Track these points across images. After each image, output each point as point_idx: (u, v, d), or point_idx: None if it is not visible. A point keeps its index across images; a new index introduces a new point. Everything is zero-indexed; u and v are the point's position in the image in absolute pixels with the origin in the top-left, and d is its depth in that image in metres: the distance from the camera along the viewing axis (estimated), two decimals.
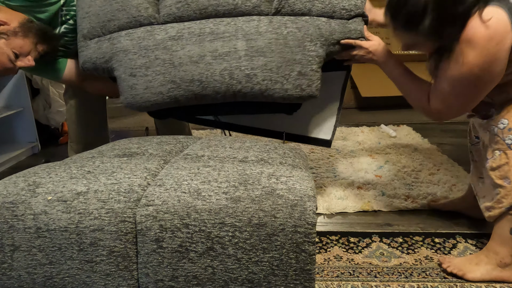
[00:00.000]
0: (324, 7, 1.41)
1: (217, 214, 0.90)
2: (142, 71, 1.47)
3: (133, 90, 1.49)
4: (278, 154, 1.24)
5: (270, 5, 1.44)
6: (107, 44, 1.53)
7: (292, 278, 0.90)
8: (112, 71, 1.54)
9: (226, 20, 1.46)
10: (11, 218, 0.94)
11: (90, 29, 1.56)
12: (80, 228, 0.92)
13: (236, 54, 1.41)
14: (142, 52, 1.48)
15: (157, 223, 0.91)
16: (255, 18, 1.44)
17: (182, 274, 0.92)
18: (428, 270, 1.31)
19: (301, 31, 1.40)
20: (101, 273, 0.94)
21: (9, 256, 0.95)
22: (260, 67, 1.40)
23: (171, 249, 0.91)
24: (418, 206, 1.69)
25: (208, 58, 1.43)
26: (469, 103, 1.18)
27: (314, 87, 1.41)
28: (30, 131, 2.60)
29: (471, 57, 1.05)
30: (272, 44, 1.40)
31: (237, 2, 1.44)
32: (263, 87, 1.40)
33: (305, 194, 0.92)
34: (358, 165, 2.15)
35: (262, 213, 0.89)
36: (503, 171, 1.19)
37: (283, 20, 1.43)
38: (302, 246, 0.89)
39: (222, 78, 1.42)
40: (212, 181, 0.97)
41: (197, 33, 1.45)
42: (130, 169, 1.06)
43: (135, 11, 1.51)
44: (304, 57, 1.39)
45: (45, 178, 1.02)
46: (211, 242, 0.90)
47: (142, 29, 1.51)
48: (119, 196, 0.95)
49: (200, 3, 1.46)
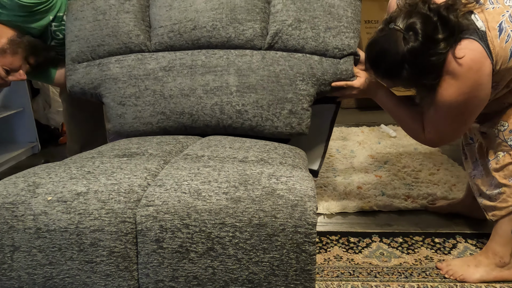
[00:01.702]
0: (317, 45, 1.40)
1: (218, 215, 0.90)
2: (132, 101, 1.47)
3: (121, 118, 1.49)
4: (278, 154, 1.24)
5: (263, 39, 1.43)
6: (96, 70, 1.52)
7: (293, 278, 0.90)
8: (101, 97, 1.53)
9: (219, 53, 1.45)
10: (11, 219, 0.94)
11: (79, 52, 1.54)
12: (80, 229, 0.92)
13: (228, 89, 1.41)
14: (132, 81, 1.47)
15: (157, 223, 0.91)
16: (248, 53, 1.43)
17: (183, 275, 0.92)
18: (428, 270, 1.31)
19: (294, 69, 1.39)
20: (101, 274, 0.93)
21: (9, 257, 0.95)
22: (251, 104, 1.40)
23: (171, 249, 0.91)
24: (418, 206, 1.69)
25: (199, 91, 1.43)
26: (461, 128, 1.21)
27: (304, 125, 1.41)
28: (30, 131, 2.59)
29: (455, 87, 1.08)
30: (264, 81, 1.39)
31: (230, 36, 1.43)
32: (253, 123, 1.41)
33: (305, 194, 0.92)
34: (358, 165, 2.16)
35: (262, 214, 0.89)
36: (507, 171, 1.21)
37: (276, 56, 1.42)
38: (303, 246, 0.88)
39: (212, 112, 1.42)
40: (212, 181, 0.97)
41: (189, 65, 1.45)
42: (130, 169, 1.05)
43: (126, 38, 1.49)
44: (296, 95, 1.39)
45: (45, 179, 1.01)
46: (211, 242, 0.90)
47: (132, 57, 1.50)
48: (119, 197, 0.94)
49: (192, 34, 1.45)
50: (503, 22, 1.06)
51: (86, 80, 1.53)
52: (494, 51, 1.05)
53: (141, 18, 1.51)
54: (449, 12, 1.04)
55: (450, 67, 1.07)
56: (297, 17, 1.41)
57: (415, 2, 1.08)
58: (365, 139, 2.58)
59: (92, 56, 1.54)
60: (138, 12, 1.51)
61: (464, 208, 1.58)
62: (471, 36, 1.05)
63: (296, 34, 1.40)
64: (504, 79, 1.12)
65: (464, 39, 1.05)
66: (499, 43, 1.05)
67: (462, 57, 1.04)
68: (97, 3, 1.53)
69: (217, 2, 1.44)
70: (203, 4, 1.45)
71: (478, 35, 1.05)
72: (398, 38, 1.07)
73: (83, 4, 1.54)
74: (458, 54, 1.05)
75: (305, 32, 1.40)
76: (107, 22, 1.51)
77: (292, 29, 1.41)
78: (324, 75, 1.39)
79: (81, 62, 1.55)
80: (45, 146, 2.70)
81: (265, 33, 1.44)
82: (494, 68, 1.07)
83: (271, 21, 1.44)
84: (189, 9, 1.46)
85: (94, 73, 1.52)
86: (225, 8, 1.43)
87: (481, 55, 1.05)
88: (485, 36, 1.04)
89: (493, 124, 1.23)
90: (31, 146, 2.61)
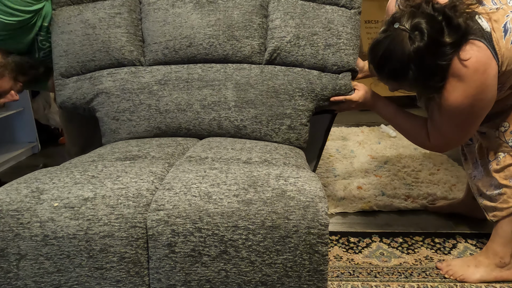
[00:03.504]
0: (316, 62, 1.39)
1: (230, 218, 0.89)
2: (126, 115, 1.42)
3: (115, 134, 1.44)
4: (281, 155, 1.24)
5: (261, 56, 1.42)
6: (87, 84, 1.46)
7: (306, 279, 0.91)
8: (94, 111, 1.48)
9: (216, 66, 1.42)
10: (17, 226, 0.91)
11: (68, 67, 1.48)
12: (90, 235, 0.90)
13: (226, 104, 1.39)
14: (126, 95, 1.42)
15: (169, 227, 0.90)
16: (246, 67, 1.41)
17: (195, 279, 0.91)
18: (428, 270, 1.32)
19: (293, 84, 1.38)
20: (111, 280, 0.92)
21: (15, 265, 0.92)
22: (250, 119, 1.38)
23: (183, 253, 0.90)
24: (418, 206, 1.69)
25: (196, 106, 1.40)
26: (467, 131, 1.20)
27: (302, 140, 1.41)
28: (30, 131, 2.60)
29: (461, 90, 1.08)
30: (263, 96, 1.38)
31: (227, 53, 1.40)
32: (251, 138, 1.39)
33: (315, 195, 0.93)
34: (358, 165, 2.15)
35: (275, 216, 0.89)
36: (508, 172, 1.21)
37: (274, 70, 1.40)
38: (315, 247, 0.89)
39: (210, 127, 1.40)
40: (221, 184, 0.97)
41: (185, 78, 1.42)
42: (135, 173, 1.04)
43: (118, 54, 1.44)
44: (295, 111, 1.38)
45: (48, 184, 0.99)
46: (224, 245, 0.89)
47: (125, 70, 1.45)
48: (128, 201, 0.93)
49: (188, 51, 1.42)
50: (507, 22, 1.06)
51: (77, 95, 1.48)
52: (500, 52, 1.05)
53: (133, 33, 1.46)
54: (454, 12, 1.04)
55: (456, 69, 1.06)
56: (296, 34, 1.39)
57: (417, 3, 1.08)
58: (365, 139, 2.57)
59: (82, 71, 1.48)
60: (130, 26, 1.46)
61: (464, 208, 1.58)
62: (476, 38, 1.05)
63: (295, 51, 1.39)
64: (509, 80, 1.13)
65: (470, 41, 1.05)
66: (505, 44, 1.05)
67: (468, 59, 1.04)
68: (85, 15, 1.46)
69: (213, 18, 1.40)
70: (199, 20, 1.41)
71: (484, 37, 1.05)
72: (404, 38, 1.06)
73: (70, 16, 1.47)
74: (464, 56, 1.05)
75: (304, 49, 1.39)
76: (97, 36, 1.45)
77: (291, 46, 1.39)
78: (324, 91, 1.39)
79: (70, 77, 1.50)
80: (45, 146, 2.68)
81: (263, 49, 1.42)
82: (499, 69, 1.07)
83: (269, 37, 1.42)
84: (184, 25, 1.42)
85: (85, 87, 1.46)
86: (221, 25, 1.40)
87: (487, 56, 1.05)
88: (491, 38, 1.05)
89: (494, 125, 1.23)
90: (31, 146, 2.61)
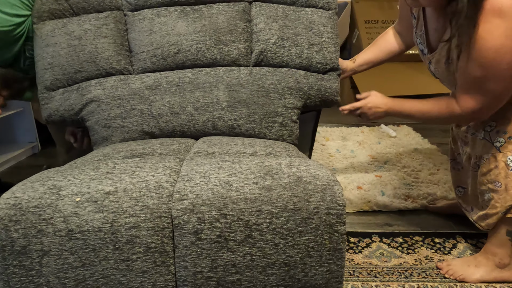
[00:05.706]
0: (301, 61, 1.47)
1: (254, 203, 0.93)
2: (118, 122, 1.43)
3: (108, 141, 1.44)
4: (281, 149, 1.29)
5: (248, 59, 1.48)
6: (75, 95, 1.45)
7: (326, 258, 0.96)
8: (83, 122, 1.47)
9: (205, 69, 1.46)
10: (39, 222, 0.91)
11: (54, 80, 1.46)
12: (115, 227, 0.91)
13: (219, 105, 1.43)
14: (116, 101, 1.42)
15: (194, 215, 0.92)
16: (235, 69, 1.47)
17: (221, 264, 0.94)
18: (428, 270, 1.32)
19: (282, 83, 1.45)
20: (137, 271, 0.93)
21: (37, 262, 0.91)
22: (244, 118, 1.43)
23: (210, 240, 0.93)
24: (418, 206, 1.70)
25: (189, 108, 1.43)
26: (505, 88, 1.04)
27: (294, 136, 1.48)
28: (30, 131, 2.56)
29: (502, 28, 0.95)
30: (254, 95, 1.43)
31: (215, 57, 1.46)
32: (246, 137, 1.44)
33: (329, 179, 0.99)
34: (358, 165, 2.15)
35: (296, 199, 0.94)
36: (493, 175, 1.17)
37: (263, 71, 1.47)
38: (335, 226, 0.95)
39: (205, 128, 1.44)
40: (238, 174, 1.00)
41: (176, 82, 1.45)
42: (149, 167, 1.06)
43: (106, 64, 1.45)
44: (285, 109, 1.45)
45: (64, 181, 0.99)
46: (249, 230, 0.93)
47: (114, 78, 1.46)
48: (151, 193, 0.95)
49: (177, 58, 1.46)
50: None
51: (65, 107, 1.46)
52: None
53: (120, 43, 1.47)
54: None
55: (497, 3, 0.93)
56: (280, 35, 1.46)
57: None
58: (365, 139, 2.56)
59: (68, 83, 1.46)
60: (117, 36, 1.47)
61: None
62: None
63: (280, 52, 1.46)
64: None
65: None
66: None
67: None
68: (70, 27, 1.46)
69: (199, 25, 1.45)
70: (185, 27, 1.45)
71: None
72: None
73: (54, 28, 1.46)
74: None
75: (289, 50, 1.46)
76: (83, 47, 1.44)
77: (277, 47, 1.46)
78: (310, 90, 1.47)
79: (56, 90, 1.47)
80: (45, 146, 2.62)
81: (249, 52, 1.48)
82: None
83: (254, 40, 1.48)
84: (171, 33, 1.46)
85: (73, 98, 1.45)
86: (208, 30, 1.45)
87: None
88: None
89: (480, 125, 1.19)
90: (31, 146, 2.56)
